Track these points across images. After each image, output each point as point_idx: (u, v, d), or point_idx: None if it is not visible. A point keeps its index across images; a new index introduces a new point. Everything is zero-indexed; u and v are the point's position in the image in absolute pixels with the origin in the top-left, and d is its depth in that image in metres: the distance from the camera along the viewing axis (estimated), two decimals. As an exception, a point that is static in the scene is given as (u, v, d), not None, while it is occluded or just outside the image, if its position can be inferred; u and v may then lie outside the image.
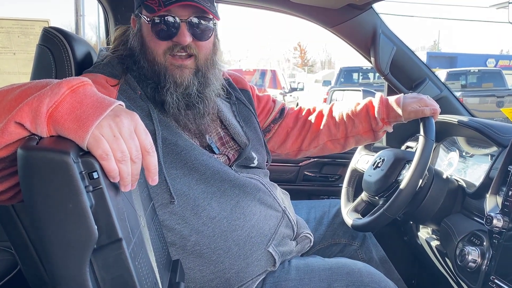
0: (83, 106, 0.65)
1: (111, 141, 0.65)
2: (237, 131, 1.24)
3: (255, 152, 1.25)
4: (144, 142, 0.69)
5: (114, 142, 0.65)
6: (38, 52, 1.18)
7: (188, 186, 1.07)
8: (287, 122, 1.49)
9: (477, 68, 11.96)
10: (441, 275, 1.40)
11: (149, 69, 1.11)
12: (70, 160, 0.60)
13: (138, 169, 0.69)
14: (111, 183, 0.66)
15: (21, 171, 0.61)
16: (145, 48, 1.12)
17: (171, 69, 1.10)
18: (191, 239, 1.07)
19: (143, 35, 1.12)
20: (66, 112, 0.64)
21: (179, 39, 1.07)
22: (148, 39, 1.11)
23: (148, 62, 1.11)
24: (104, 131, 0.64)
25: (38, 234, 0.61)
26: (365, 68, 12.16)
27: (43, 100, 0.64)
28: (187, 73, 1.11)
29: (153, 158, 0.70)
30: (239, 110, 1.30)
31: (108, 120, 0.65)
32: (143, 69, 1.12)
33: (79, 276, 0.61)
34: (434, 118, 1.30)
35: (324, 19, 1.73)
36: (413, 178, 1.21)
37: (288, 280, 1.13)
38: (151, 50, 1.11)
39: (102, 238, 0.63)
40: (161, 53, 1.09)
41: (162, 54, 1.10)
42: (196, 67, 1.12)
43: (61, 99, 0.64)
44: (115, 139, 0.65)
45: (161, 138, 1.05)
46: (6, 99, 0.67)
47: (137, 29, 1.14)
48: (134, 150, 0.67)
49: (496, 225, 1.04)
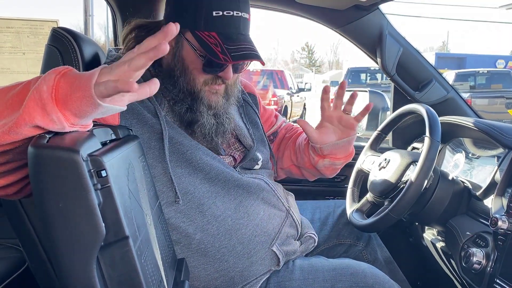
0: (77, 78, 0.67)
1: (116, 69, 0.66)
2: (243, 133, 1.25)
3: (260, 153, 1.26)
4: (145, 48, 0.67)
5: (117, 68, 0.66)
6: (46, 52, 1.19)
7: (193, 185, 1.08)
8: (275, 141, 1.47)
9: (486, 69, 11.87)
10: (445, 277, 1.40)
11: (186, 92, 1.11)
12: (79, 158, 0.61)
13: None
14: (118, 181, 0.67)
15: (31, 168, 0.62)
16: (185, 73, 1.10)
17: (207, 95, 1.12)
18: (196, 238, 1.08)
19: (184, 58, 1.10)
20: (67, 89, 0.66)
21: (224, 76, 1.09)
22: (192, 67, 1.09)
23: (187, 85, 1.10)
24: (104, 77, 0.66)
25: (46, 231, 0.62)
26: (372, 69, 12.13)
27: (41, 89, 0.66)
28: (220, 98, 1.14)
29: (147, 87, 0.69)
30: (246, 112, 1.31)
31: (106, 68, 0.67)
32: (179, 89, 1.11)
33: (86, 273, 0.62)
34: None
35: (330, 20, 1.73)
36: (419, 179, 1.21)
37: (292, 280, 1.14)
38: (193, 77, 1.10)
39: (109, 236, 0.64)
40: (202, 82, 1.10)
41: (203, 83, 1.11)
42: (226, 90, 1.15)
43: (55, 83, 0.66)
44: (116, 66, 0.66)
45: (168, 137, 1.06)
46: (8, 95, 0.70)
47: (176, 48, 1.10)
48: (137, 61, 0.66)
49: (501, 227, 1.04)
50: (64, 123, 0.66)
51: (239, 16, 1.05)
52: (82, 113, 0.66)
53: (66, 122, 0.66)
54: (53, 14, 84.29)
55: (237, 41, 1.04)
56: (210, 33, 1.04)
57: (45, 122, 0.65)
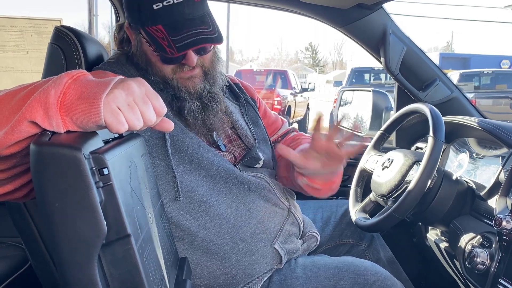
0: (88, 87, 0.66)
1: (127, 111, 0.66)
2: (244, 132, 1.25)
3: (261, 153, 1.26)
4: (157, 105, 0.71)
5: (130, 111, 0.67)
6: (49, 50, 1.20)
7: (196, 182, 1.08)
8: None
9: (491, 69, 11.82)
10: (449, 277, 1.40)
11: (161, 82, 1.12)
12: (81, 156, 0.61)
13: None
14: (120, 179, 0.67)
15: (33, 166, 0.62)
16: (151, 66, 1.12)
17: (182, 81, 1.12)
18: (199, 235, 1.08)
19: (146, 53, 1.12)
20: (75, 98, 0.65)
21: (187, 62, 1.10)
22: (154, 59, 1.11)
23: (158, 77, 1.12)
24: (118, 101, 0.66)
25: (48, 228, 0.62)
26: (376, 69, 12.08)
27: (49, 92, 0.65)
28: (197, 81, 1.13)
29: (167, 124, 0.76)
30: (247, 112, 1.31)
31: (119, 89, 0.66)
32: (155, 80, 1.12)
33: (87, 271, 0.62)
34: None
35: (333, 19, 1.73)
36: (422, 179, 1.21)
37: (294, 278, 1.14)
38: (158, 69, 1.12)
39: (110, 234, 0.64)
40: (169, 71, 1.11)
41: (171, 72, 1.11)
42: (204, 72, 1.15)
43: (65, 87, 0.66)
44: (130, 108, 0.67)
45: (169, 134, 1.06)
46: (15, 99, 0.69)
47: (137, 45, 1.13)
48: (150, 115, 0.69)
49: (505, 227, 1.03)
50: (62, 129, 0.66)
51: (181, 1, 1.04)
52: (83, 125, 0.66)
53: (64, 128, 0.66)
54: (57, 14, 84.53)
55: (182, 29, 1.04)
56: (157, 27, 1.04)
57: (43, 123, 0.65)
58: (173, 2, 1.03)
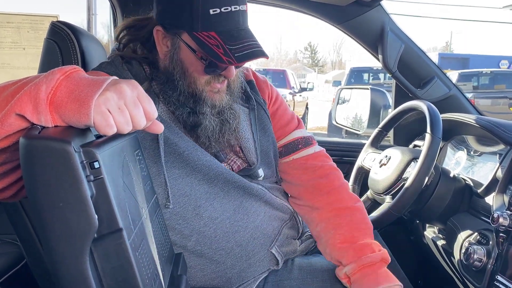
0: (80, 86, 0.65)
1: (117, 114, 0.65)
2: (248, 146, 1.15)
3: (263, 168, 1.17)
4: (148, 109, 0.70)
5: (120, 115, 0.66)
6: (45, 45, 1.19)
7: (190, 186, 1.04)
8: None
9: (490, 69, 11.83)
10: (446, 275, 1.39)
11: (187, 94, 1.05)
12: (71, 149, 0.60)
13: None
14: (112, 173, 0.66)
15: (23, 159, 0.61)
16: (185, 76, 1.04)
17: (210, 95, 1.06)
18: (192, 239, 1.05)
19: (183, 61, 1.03)
20: (65, 95, 0.64)
21: (227, 74, 1.03)
22: (192, 69, 1.03)
23: (188, 88, 1.05)
24: (109, 104, 0.65)
25: (39, 222, 0.61)
26: (375, 69, 12.08)
27: (40, 88, 0.64)
28: (223, 95, 1.07)
29: (157, 126, 0.76)
30: (258, 116, 1.19)
31: (111, 91, 0.65)
32: (179, 92, 1.05)
33: (79, 265, 0.62)
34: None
35: (331, 16, 1.72)
36: (419, 176, 1.20)
37: (290, 279, 1.12)
38: (193, 80, 1.04)
39: (102, 228, 0.63)
40: (203, 82, 1.04)
41: (204, 83, 1.04)
42: (229, 86, 1.09)
43: (57, 84, 0.65)
44: (120, 111, 0.66)
45: (163, 138, 1.02)
46: (5, 93, 0.68)
47: (172, 51, 1.03)
48: (140, 119, 0.69)
49: (502, 224, 1.03)
50: (51, 125, 0.65)
51: (237, 10, 0.98)
52: (71, 123, 0.65)
53: (53, 124, 0.65)
54: (55, 12, 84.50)
55: (239, 39, 0.97)
56: (209, 33, 0.96)
57: (32, 118, 0.64)
58: (231, 9, 0.96)
